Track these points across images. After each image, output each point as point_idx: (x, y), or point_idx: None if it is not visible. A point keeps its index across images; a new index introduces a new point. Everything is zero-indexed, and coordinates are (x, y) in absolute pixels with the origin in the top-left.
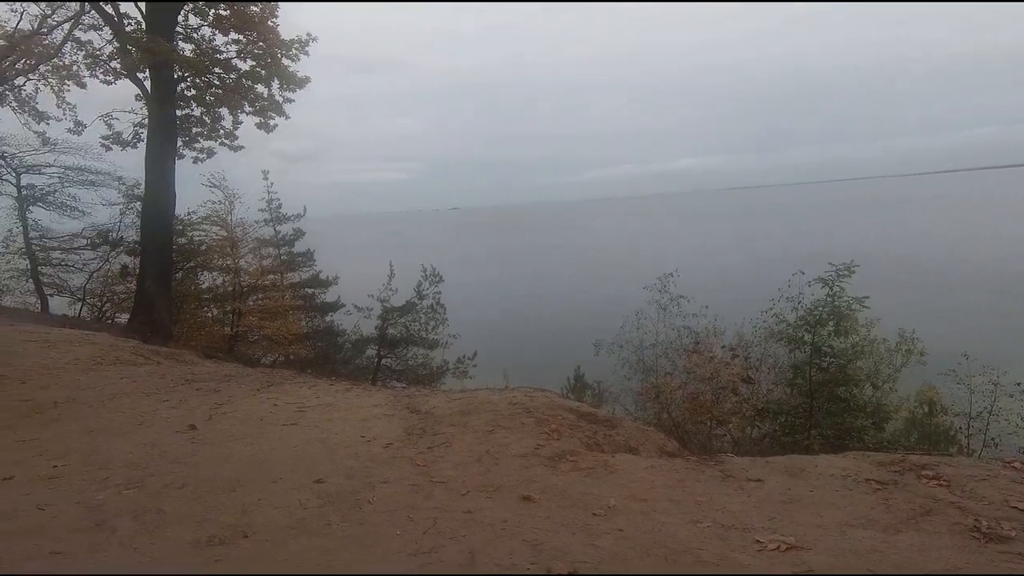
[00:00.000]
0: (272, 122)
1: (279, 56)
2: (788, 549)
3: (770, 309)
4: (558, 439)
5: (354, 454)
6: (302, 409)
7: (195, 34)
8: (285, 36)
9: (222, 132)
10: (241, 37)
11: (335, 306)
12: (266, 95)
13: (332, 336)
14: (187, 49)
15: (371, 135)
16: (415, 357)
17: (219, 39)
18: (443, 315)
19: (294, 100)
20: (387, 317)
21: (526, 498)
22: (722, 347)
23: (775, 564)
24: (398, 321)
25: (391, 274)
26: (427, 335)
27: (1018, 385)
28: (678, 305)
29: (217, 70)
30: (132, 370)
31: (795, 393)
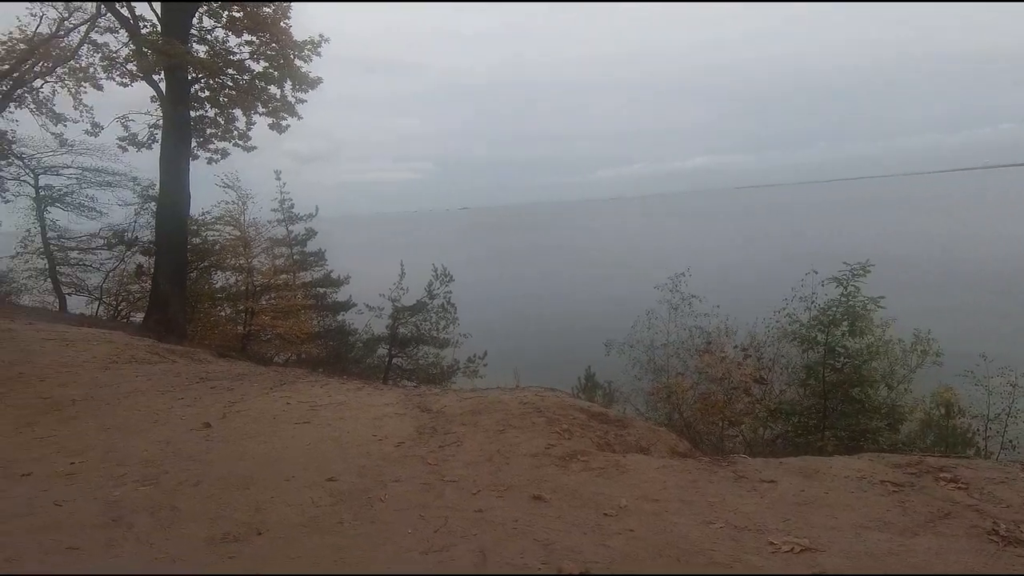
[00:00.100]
0: (285, 123)
1: (292, 57)
2: (802, 551)
3: (783, 309)
4: (569, 439)
5: (366, 453)
6: (314, 408)
7: (209, 36)
8: (298, 37)
9: (236, 133)
10: (254, 38)
11: (346, 305)
12: (279, 96)
13: (344, 335)
14: (201, 51)
15: (382, 136)
16: (426, 356)
17: (232, 40)
18: (454, 314)
19: (306, 100)
20: (398, 316)
21: (537, 498)
22: (734, 347)
23: (789, 566)
24: (409, 320)
25: (402, 273)
26: (438, 334)
27: None
28: (690, 305)
29: (231, 71)
30: (147, 368)
31: (808, 394)
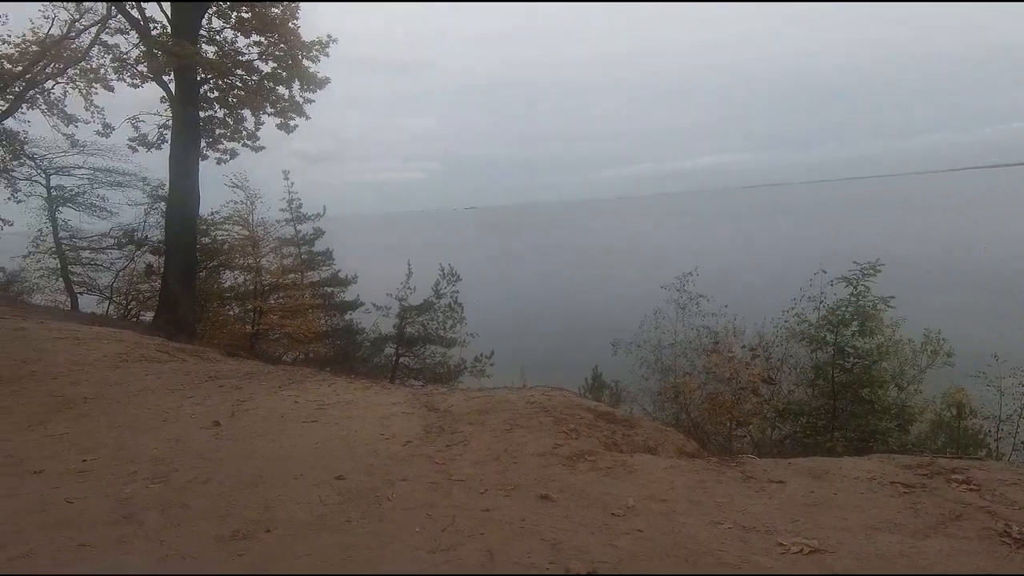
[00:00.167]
0: (292, 123)
1: (300, 57)
2: (811, 552)
3: (791, 309)
4: (576, 438)
5: (373, 451)
6: (322, 407)
7: (218, 36)
8: (305, 38)
9: (244, 133)
10: (263, 39)
11: (354, 305)
12: (287, 96)
13: (351, 334)
14: (210, 51)
15: (389, 136)
16: (433, 355)
17: (241, 41)
18: (460, 314)
19: (314, 100)
20: (405, 316)
21: (544, 497)
22: (742, 347)
23: (798, 567)
24: (416, 320)
25: (409, 273)
26: (445, 334)
27: None
28: (697, 304)
29: (239, 72)
30: (157, 367)
31: (817, 394)
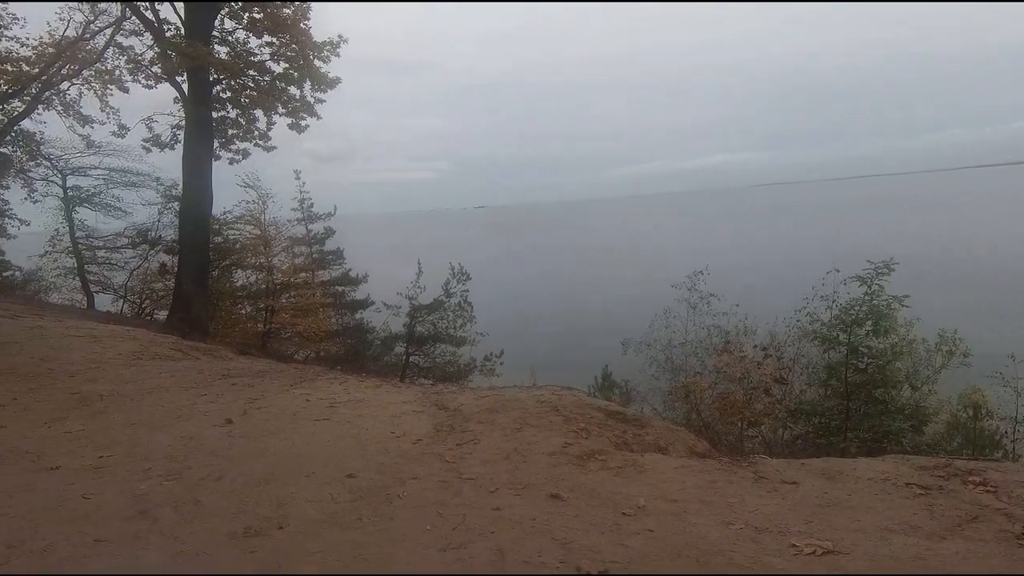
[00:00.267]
0: (304, 123)
1: (311, 58)
2: (825, 554)
3: (803, 308)
4: (586, 438)
5: (384, 450)
6: (333, 405)
7: (230, 37)
8: (316, 38)
9: (256, 133)
10: (275, 40)
11: (365, 304)
12: (298, 96)
13: (362, 333)
14: (223, 52)
15: (399, 135)
16: (443, 354)
17: (253, 42)
18: (470, 313)
19: (325, 100)
20: (415, 315)
21: (555, 496)
22: (754, 346)
23: (811, 568)
24: (426, 319)
25: (419, 272)
26: (455, 333)
27: None
28: (708, 303)
29: (252, 72)
30: (171, 365)
31: (830, 394)
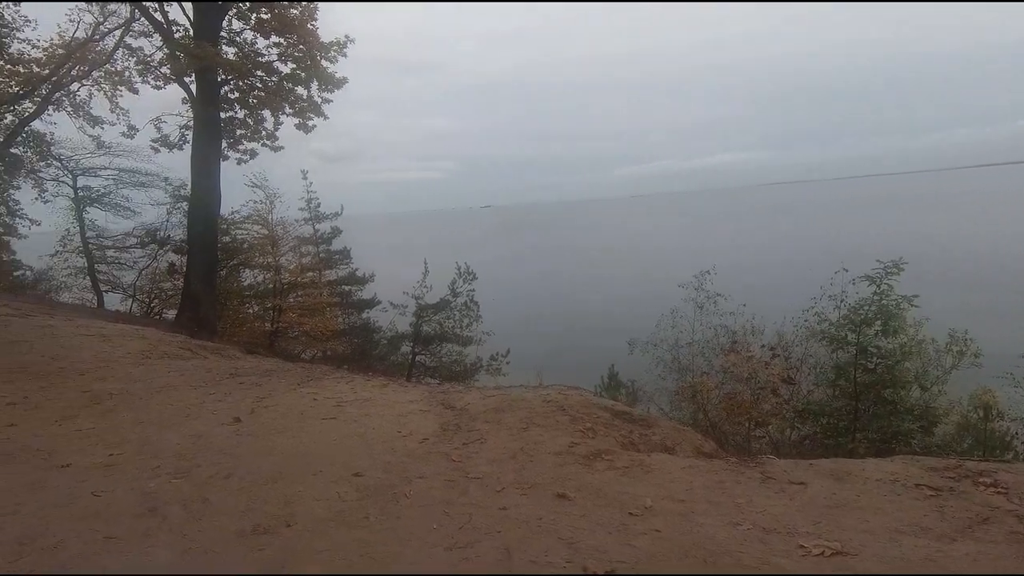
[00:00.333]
0: (311, 123)
1: (318, 58)
2: (833, 555)
3: (811, 308)
4: (593, 437)
5: (391, 449)
6: (340, 404)
7: (238, 38)
8: (323, 39)
9: (264, 133)
10: (282, 40)
11: (371, 303)
12: (305, 96)
13: (368, 332)
14: (231, 53)
15: (406, 135)
16: (449, 354)
17: (261, 43)
18: (477, 312)
19: (332, 101)
20: (422, 314)
21: (561, 496)
22: (761, 347)
23: (819, 569)
24: (432, 318)
25: (426, 272)
26: (461, 332)
27: None
28: (715, 303)
29: (259, 73)
30: (180, 364)
31: (838, 395)
